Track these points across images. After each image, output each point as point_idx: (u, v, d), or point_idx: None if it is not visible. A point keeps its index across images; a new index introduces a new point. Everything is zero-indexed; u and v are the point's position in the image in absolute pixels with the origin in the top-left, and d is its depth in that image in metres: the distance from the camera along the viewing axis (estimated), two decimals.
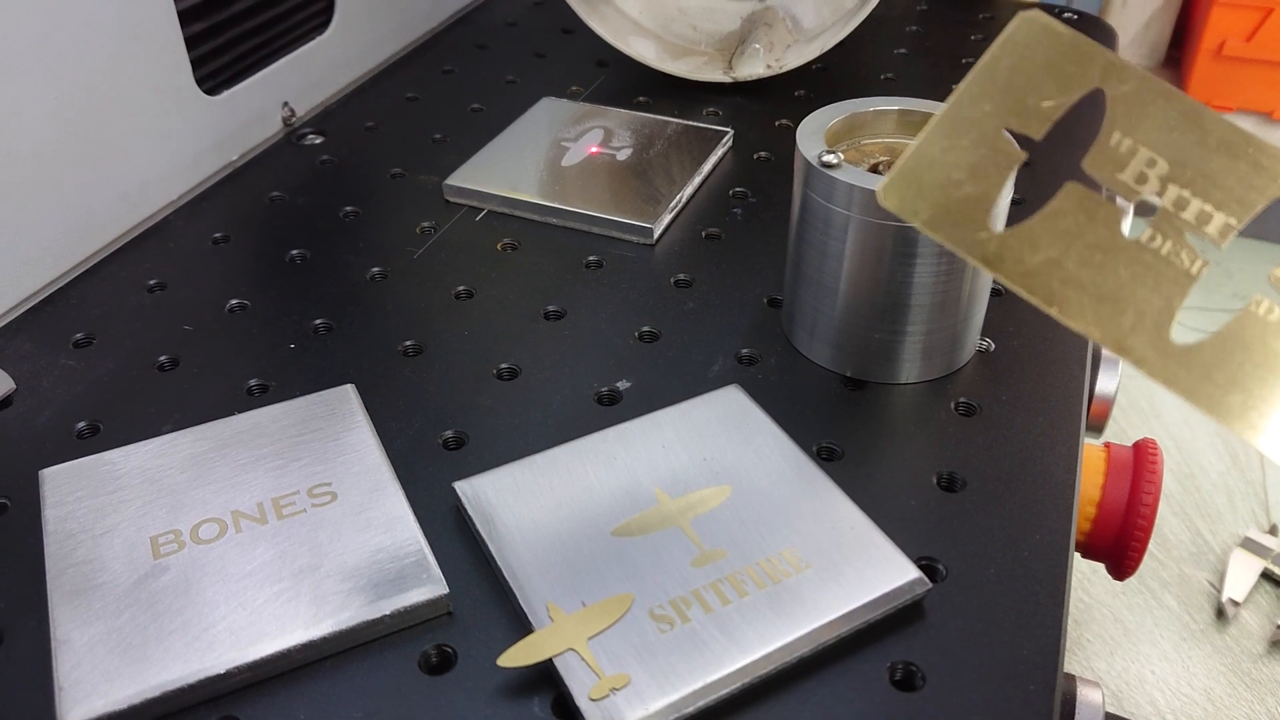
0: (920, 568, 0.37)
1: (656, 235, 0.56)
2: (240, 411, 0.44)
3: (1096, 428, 0.62)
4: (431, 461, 0.43)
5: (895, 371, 0.47)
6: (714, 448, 0.41)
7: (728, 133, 0.64)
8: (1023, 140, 0.29)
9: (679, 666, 0.33)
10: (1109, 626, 1.09)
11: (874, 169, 0.46)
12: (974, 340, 0.48)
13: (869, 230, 0.43)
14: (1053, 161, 0.35)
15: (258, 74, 0.63)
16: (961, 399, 0.46)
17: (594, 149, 0.62)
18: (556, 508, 0.39)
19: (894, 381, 0.47)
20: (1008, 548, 0.39)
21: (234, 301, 0.52)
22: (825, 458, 0.43)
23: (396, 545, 0.38)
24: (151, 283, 0.53)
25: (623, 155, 0.61)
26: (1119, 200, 0.42)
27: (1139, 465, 0.55)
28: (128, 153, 0.55)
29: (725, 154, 0.64)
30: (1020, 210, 0.37)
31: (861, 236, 0.43)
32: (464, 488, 0.40)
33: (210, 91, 0.60)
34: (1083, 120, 0.30)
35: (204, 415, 0.44)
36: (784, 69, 0.69)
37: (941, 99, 0.32)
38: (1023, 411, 0.45)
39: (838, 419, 0.45)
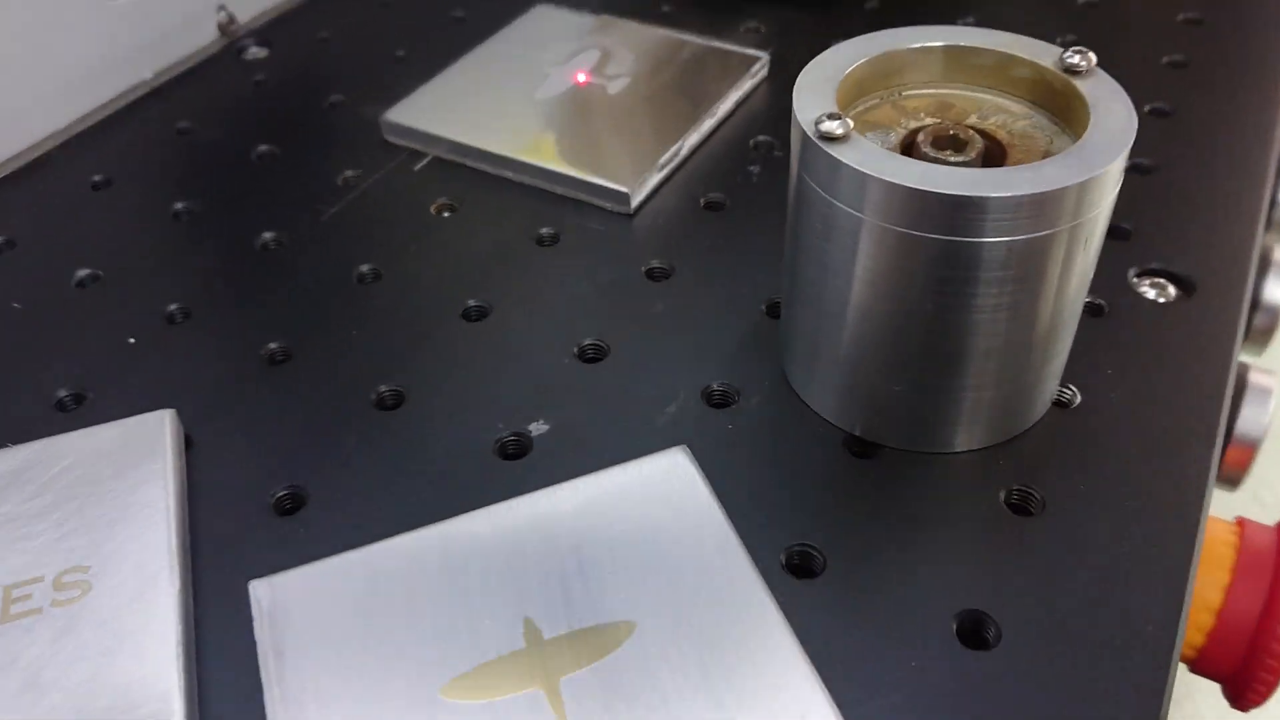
0: None
1: (636, 203, 0.42)
2: (42, 431, 0.33)
3: (1230, 479, 0.46)
4: (251, 531, 0.31)
5: (922, 437, 0.32)
6: (626, 554, 0.28)
7: (761, 58, 0.49)
8: None
9: None
10: None
11: (909, 141, 0.31)
12: (1050, 391, 0.33)
13: (891, 242, 0.28)
14: None
15: None
16: (1016, 487, 0.31)
17: (582, 77, 0.48)
18: (378, 641, 0.27)
19: (920, 449, 0.32)
20: None
21: (84, 272, 0.41)
22: (798, 572, 0.29)
23: (139, 685, 0.26)
24: None
25: (616, 86, 0.47)
26: None
27: None
28: None
29: (755, 88, 0.49)
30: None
31: (879, 251, 0.28)
32: (259, 591, 0.28)
33: None
34: None
35: None
36: None
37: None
38: (1108, 505, 0.30)
39: (829, 505, 0.31)
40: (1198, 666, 0.41)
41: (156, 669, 0.27)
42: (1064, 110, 0.30)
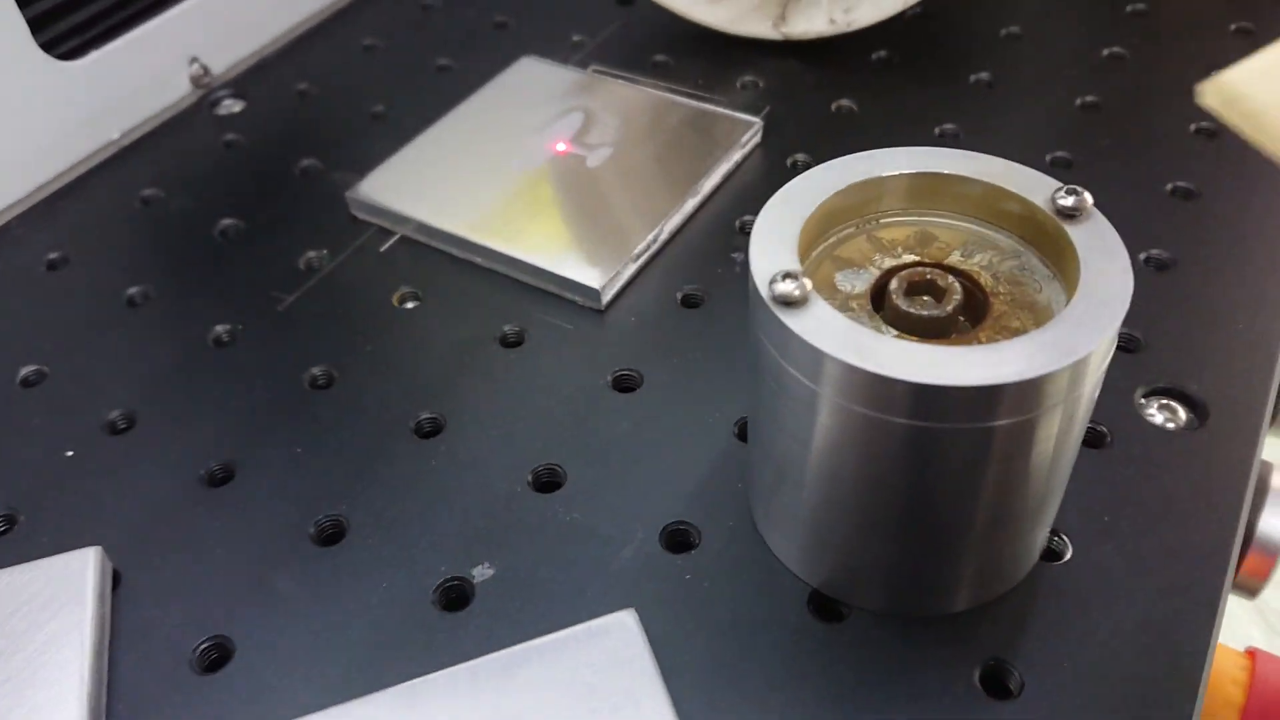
0: None
1: (608, 299, 0.39)
2: None
3: (1248, 589, 0.43)
4: (171, 692, 0.29)
5: (893, 601, 0.30)
6: None
7: (754, 125, 0.46)
8: None
9: None
10: None
11: (882, 283, 0.28)
12: (1036, 547, 0.30)
13: (851, 421, 0.25)
14: None
15: (149, 23, 0.49)
16: (993, 662, 0.28)
17: (561, 146, 0.45)
18: None
19: (890, 612, 0.30)
20: None
21: (29, 369, 0.39)
22: None
23: None
24: None
25: (597, 157, 0.44)
26: None
27: None
28: None
29: (746, 157, 0.46)
30: None
31: (838, 426, 0.26)
32: None
33: (66, 55, 0.46)
34: None
35: None
36: (853, 27, 0.49)
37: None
38: (1093, 689, 0.27)
39: (787, 681, 0.28)
40: None
41: None
42: (1055, 256, 0.27)
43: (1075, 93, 0.48)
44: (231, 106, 0.52)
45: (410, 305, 0.40)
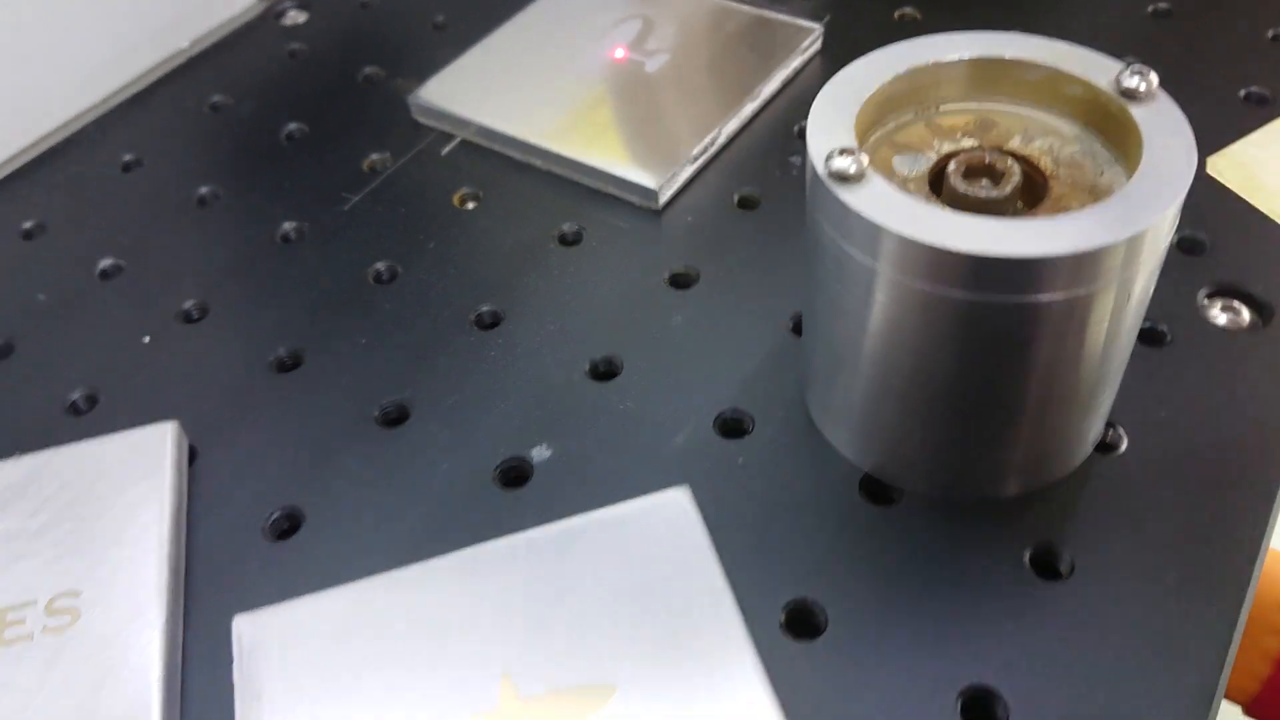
0: None
1: (665, 199, 0.40)
2: (53, 434, 0.34)
3: None
4: (245, 555, 0.31)
5: (945, 484, 0.30)
6: (615, 608, 0.27)
7: (814, 31, 0.45)
8: None
9: None
10: None
11: (940, 168, 0.28)
12: (1093, 436, 0.30)
13: (908, 297, 0.25)
14: None
15: None
16: (1043, 545, 0.29)
17: (620, 52, 0.45)
18: (354, 688, 0.26)
19: (942, 497, 0.30)
20: None
21: (107, 262, 0.40)
22: (797, 631, 0.28)
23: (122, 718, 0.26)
24: (27, 225, 0.42)
25: (654, 63, 0.44)
26: None
27: None
28: (22, 51, 0.44)
29: (805, 65, 0.45)
30: None
31: (895, 304, 0.26)
32: (242, 627, 0.28)
33: None
34: None
35: (5, 434, 0.34)
36: None
37: None
38: (1144, 573, 0.28)
39: (838, 556, 0.29)
40: (1252, 710, 0.38)
41: (138, 707, 0.26)
42: (1118, 138, 0.27)
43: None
44: (296, 17, 0.52)
45: (471, 206, 0.41)
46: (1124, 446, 0.31)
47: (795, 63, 0.45)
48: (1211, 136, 0.40)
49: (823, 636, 0.27)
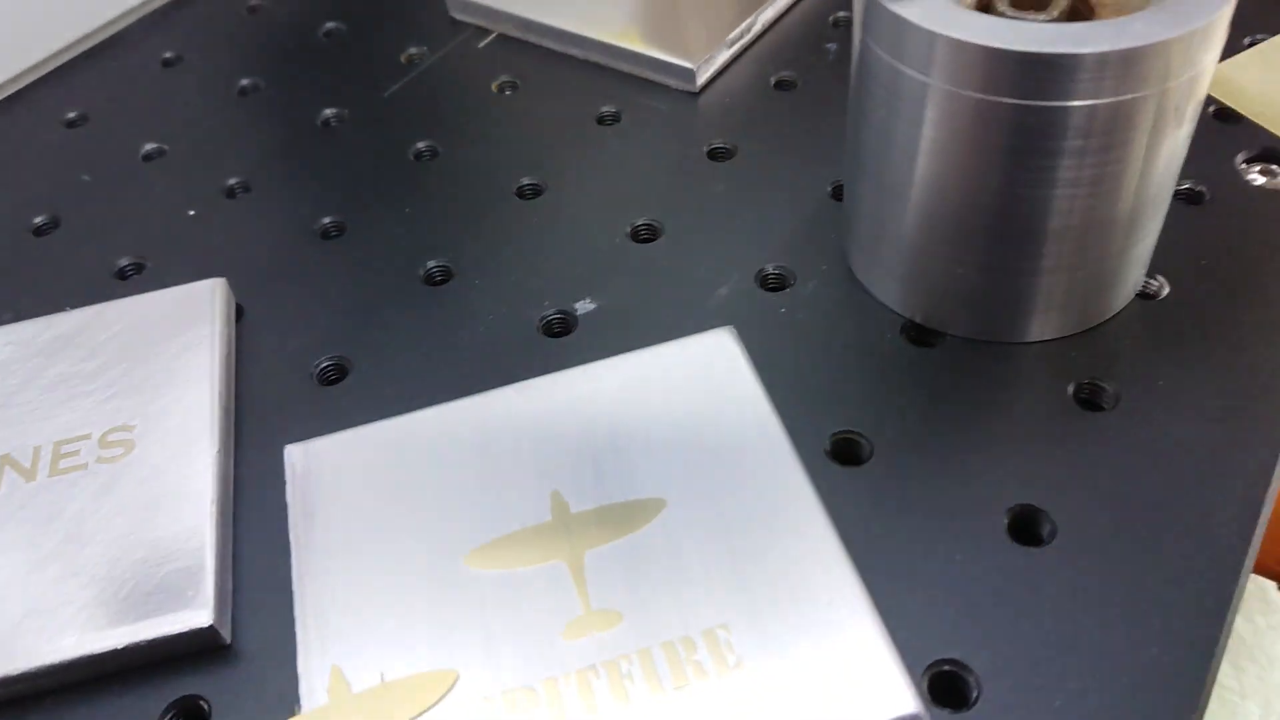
0: (942, 678, 0.23)
1: (703, 81, 0.40)
2: (103, 297, 0.34)
3: None
4: (294, 398, 0.31)
5: (989, 324, 0.30)
6: (662, 433, 0.27)
7: None
8: None
9: None
10: None
11: (985, 2, 0.28)
12: (1133, 280, 0.30)
13: (960, 109, 0.26)
14: None
15: None
16: (1088, 380, 0.29)
17: None
18: (406, 507, 0.27)
19: (986, 338, 0.30)
20: (1106, 660, 0.23)
21: (150, 146, 0.41)
22: (843, 459, 0.28)
23: (174, 540, 0.27)
24: (71, 115, 0.43)
25: None
26: None
27: None
28: None
29: None
30: None
31: (947, 118, 0.26)
32: (294, 455, 0.28)
33: None
34: None
35: (57, 296, 0.35)
36: None
37: None
38: (1187, 404, 0.28)
39: (882, 393, 0.29)
40: None
41: (192, 526, 0.27)
42: None
43: None
44: None
45: (509, 93, 0.41)
46: (1165, 293, 0.31)
47: None
48: (1248, 15, 0.40)
49: (868, 463, 0.28)
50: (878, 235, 0.31)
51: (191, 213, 0.38)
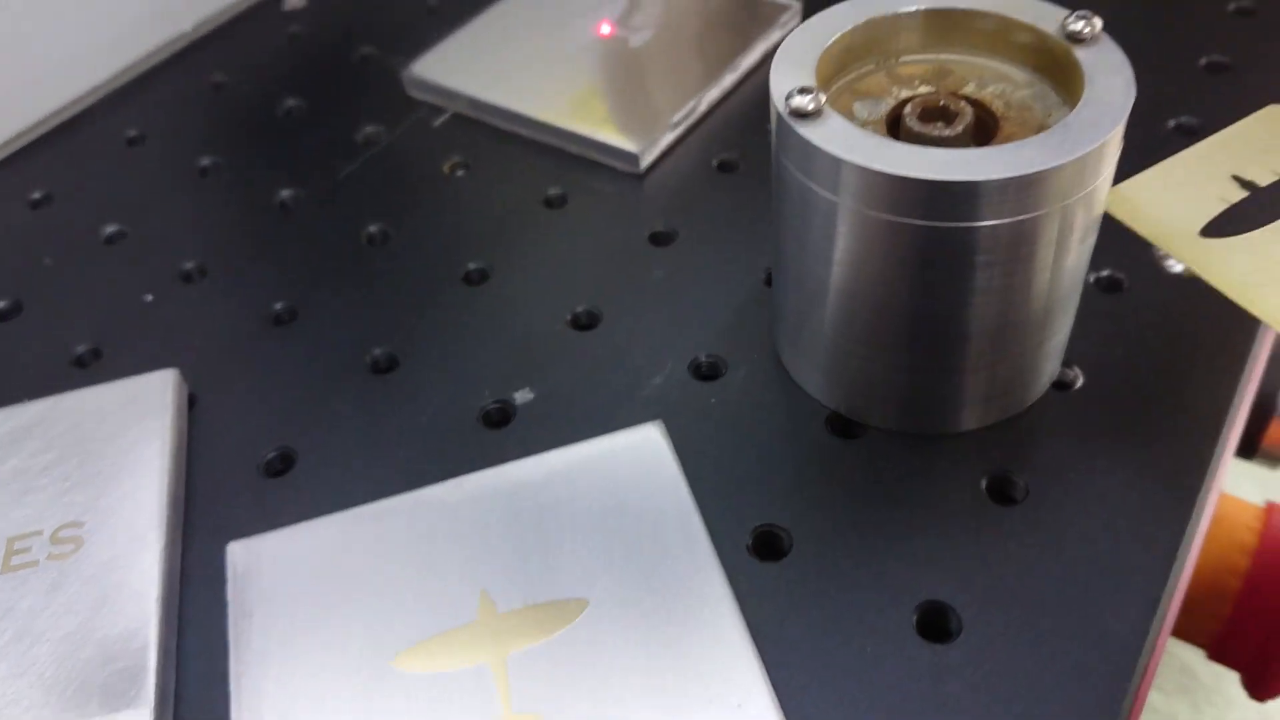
0: None
1: (647, 163, 0.41)
2: (60, 385, 0.35)
3: (1273, 457, 0.44)
4: (242, 491, 0.32)
5: (908, 418, 0.31)
6: (589, 530, 0.29)
7: (790, 7, 0.47)
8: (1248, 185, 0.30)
9: None
10: None
11: (897, 112, 0.29)
12: (1049, 371, 0.32)
13: (868, 227, 0.27)
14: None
15: None
16: (1000, 473, 0.30)
17: (606, 28, 0.47)
18: (341, 607, 0.28)
19: (906, 430, 0.32)
20: None
21: (111, 229, 0.42)
22: (763, 553, 0.29)
23: (119, 639, 0.28)
24: (35, 196, 0.44)
25: (639, 38, 0.46)
26: None
27: None
28: (30, 29, 0.46)
29: (784, 39, 0.47)
30: None
31: (857, 235, 0.27)
32: (235, 553, 0.29)
33: None
34: None
35: (15, 384, 0.36)
36: None
37: None
38: (1095, 497, 0.29)
39: (804, 485, 0.30)
40: (1215, 654, 0.40)
41: (136, 624, 0.28)
42: (1066, 81, 0.29)
43: None
44: (296, 2, 0.54)
45: (460, 174, 0.43)
46: (1079, 384, 0.32)
47: (775, 36, 0.46)
48: (1170, 100, 0.41)
49: (787, 557, 0.29)
50: (800, 329, 0.32)
51: (149, 298, 0.39)
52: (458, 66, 0.46)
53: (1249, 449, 0.44)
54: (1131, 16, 0.46)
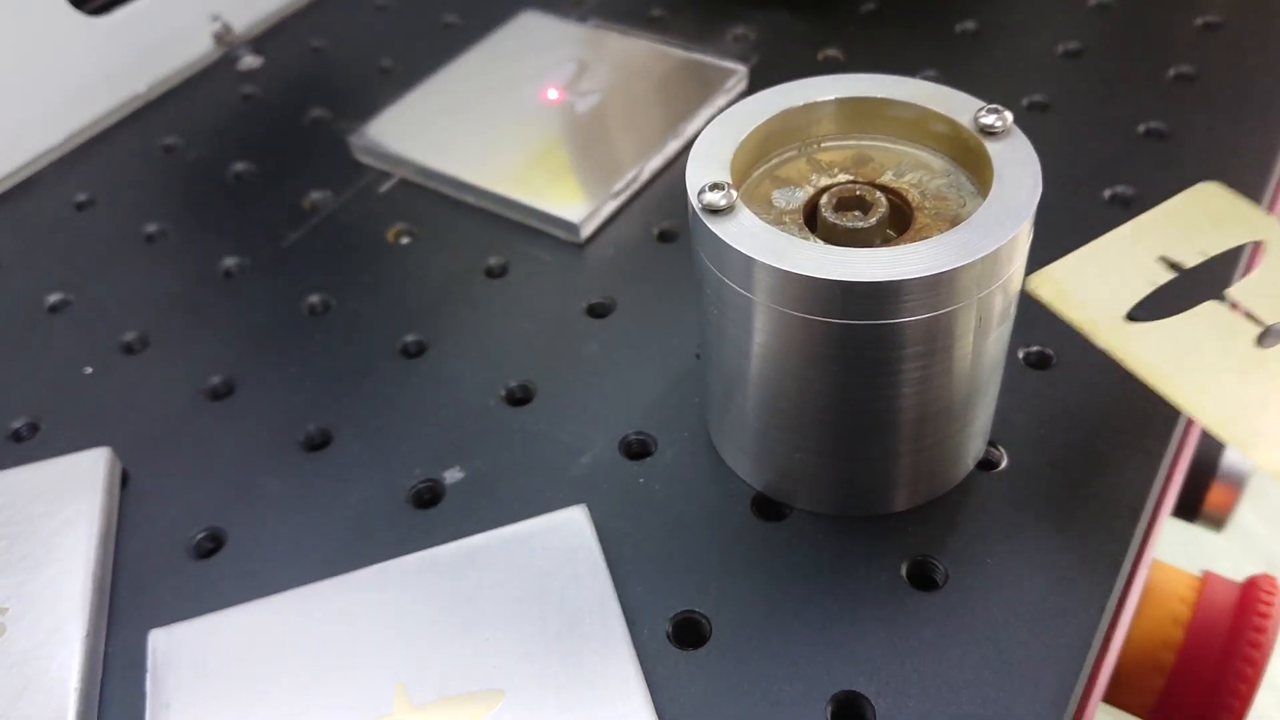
0: None
1: (587, 233, 0.41)
2: None
3: (1215, 520, 0.45)
4: (170, 573, 0.32)
5: (830, 501, 0.32)
6: (507, 620, 0.29)
7: (737, 72, 0.48)
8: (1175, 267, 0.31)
9: None
10: None
11: (815, 201, 0.29)
12: (974, 452, 0.32)
13: (782, 323, 0.27)
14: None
15: None
16: (921, 557, 0.30)
17: (553, 93, 0.47)
18: (259, 699, 0.28)
19: (829, 513, 0.32)
20: None
21: (55, 298, 0.42)
22: (683, 641, 0.29)
23: None
24: None
25: (585, 103, 0.46)
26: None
27: (1243, 612, 0.38)
28: None
29: (731, 103, 0.47)
30: None
31: (771, 330, 0.28)
32: (157, 641, 0.29)
33: (96, 12, 0.49)
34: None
35: None
36: None
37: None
38: (1013, 582, 0.29)
39: (727, 570, 0.31)
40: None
41: (54, 716, 0.28)
42: (979, 172, 0.29)
43: (1058, 40, 0.49)
44: (251, 63, 0.55)
45: (405, 241, 0.43)
46: (1004, 464, 0.32)
47: (720, 101, 0.47)
48: (1109, 168, 0.42)
49: (707, 645, 0.29)
50: (725, 413, 0.32)
51: (89, 370, 0.39)
52: (404, 132, 0.46)
53: (1190, 512, 0.45)
54: (1076, 83, 0.46)
